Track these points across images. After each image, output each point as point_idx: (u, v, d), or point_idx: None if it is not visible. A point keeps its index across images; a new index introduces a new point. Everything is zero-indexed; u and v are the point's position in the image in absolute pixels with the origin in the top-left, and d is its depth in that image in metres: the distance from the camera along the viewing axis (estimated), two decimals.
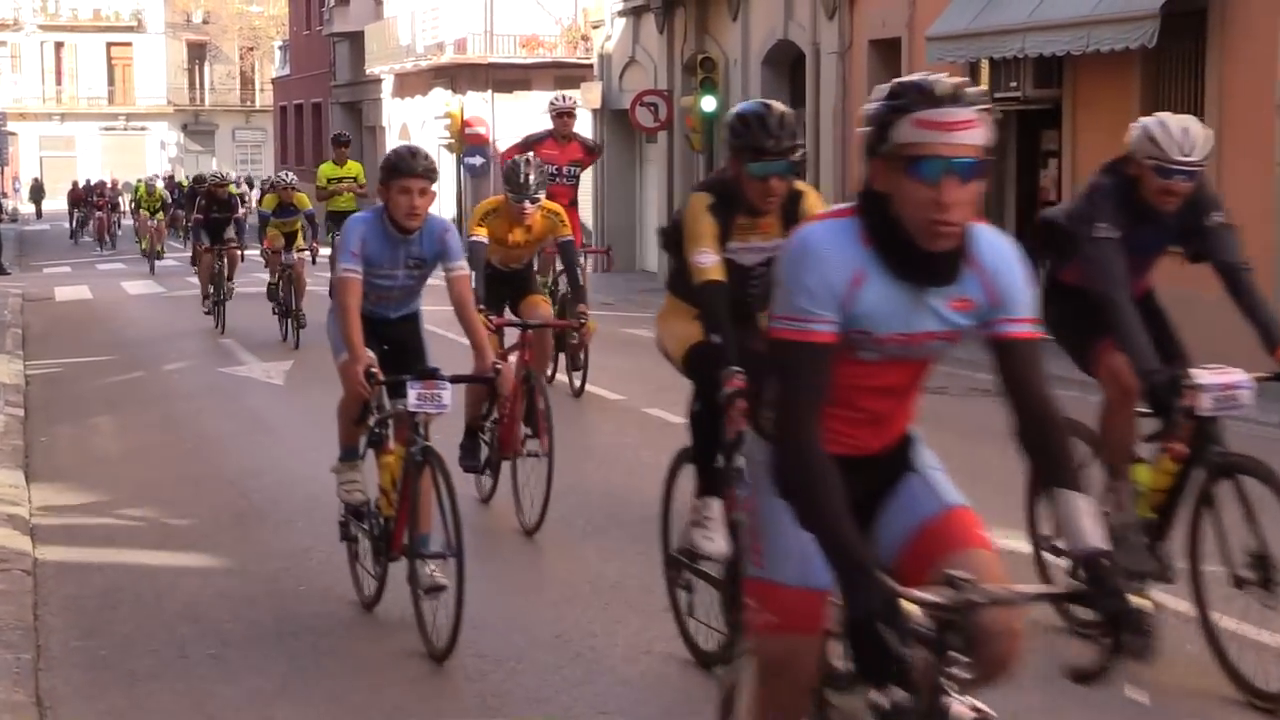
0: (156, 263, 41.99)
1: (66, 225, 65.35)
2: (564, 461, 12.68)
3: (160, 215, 45.42)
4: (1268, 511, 7.33)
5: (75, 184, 67.83)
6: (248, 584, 9.80)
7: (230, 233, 26.43)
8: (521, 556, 10.43)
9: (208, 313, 26.03)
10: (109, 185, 65.92)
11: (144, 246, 44.25)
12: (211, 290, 25.85)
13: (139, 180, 53.42)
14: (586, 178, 41.27)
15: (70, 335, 25.69)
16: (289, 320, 22.95)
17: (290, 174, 26.69)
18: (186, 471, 13.71)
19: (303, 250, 23.95)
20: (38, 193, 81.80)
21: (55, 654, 8.36)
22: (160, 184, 51.74)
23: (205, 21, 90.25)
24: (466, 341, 9.23)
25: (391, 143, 55.37)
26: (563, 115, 20.32)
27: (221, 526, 11.43)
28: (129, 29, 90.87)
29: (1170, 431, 8.12)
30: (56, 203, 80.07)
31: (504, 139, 47.05)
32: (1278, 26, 18.24)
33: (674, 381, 10.12)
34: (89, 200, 61.82)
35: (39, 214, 78.52)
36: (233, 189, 29.59)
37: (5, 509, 11.46)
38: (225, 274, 25.93)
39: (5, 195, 71.53)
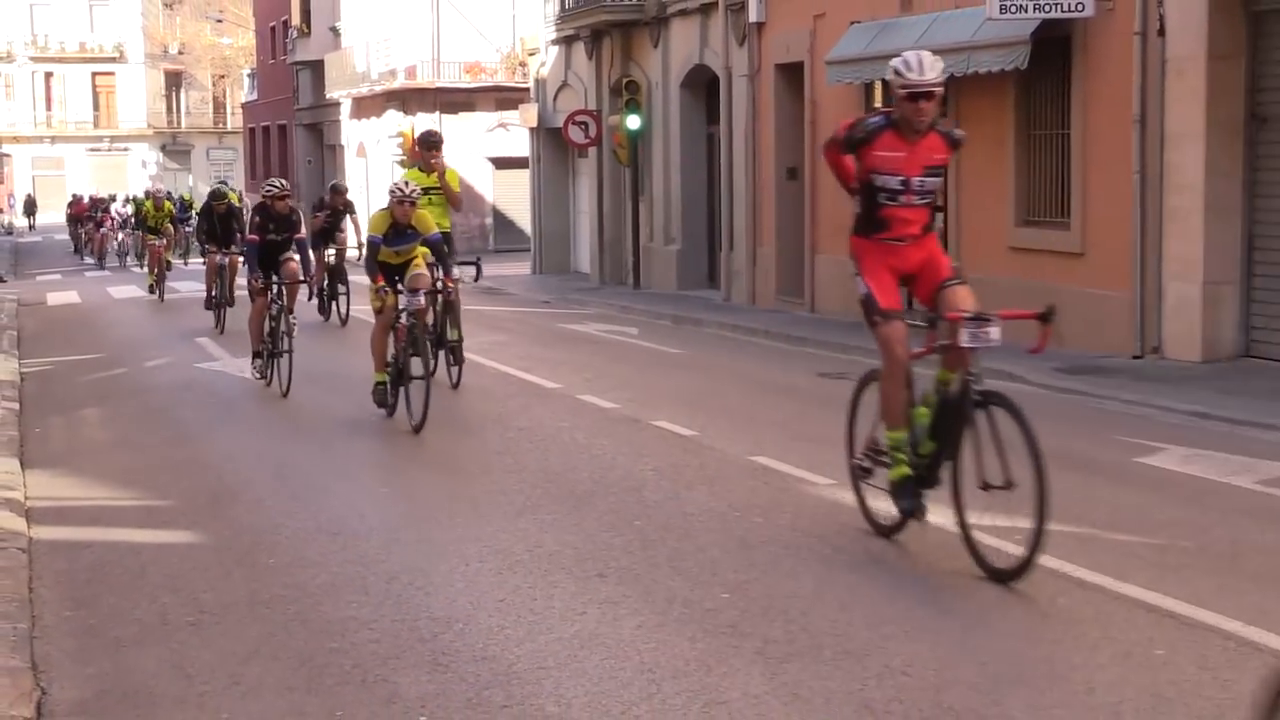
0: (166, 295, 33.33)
1: (60, 238, 65.05)
2: (505, 442, 12.78)
3: (166, 231, 35.85)
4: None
5: (78, 198, 62.83)
6: (222, 558, 9.80)
7: (292, 254, 19.02)
8: (466, 529, 10.44)
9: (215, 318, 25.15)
10: (112, 200, 59.91)
11: (151, 279, 34.26)
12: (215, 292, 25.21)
13: (147, 194, 39.95)
14: (524, 185, 41.56)
15: (61, 336, 25.59)
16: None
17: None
18: (166, 457, 13.69)
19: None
20: (31, 207, 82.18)
21: (48, 623, 8.35)
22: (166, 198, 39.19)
23: (181, 52, 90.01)
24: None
25: (350, 160, 55.35)
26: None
27: (198, 506, 11.43)
28: (112, 60, 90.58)
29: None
30: (47, 216, 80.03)
31: (450, 156, 47.18)
32: (1131, 53, 18.43)
33: (607, 371, 10.23)
34: (92, 216, 55.68)
35: (32, 227, 78.46)
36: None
37: (2, 493, 11.42)
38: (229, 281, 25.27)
39: (2, 210, 71.04)
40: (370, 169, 53.79)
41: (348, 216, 28.20)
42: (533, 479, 12.04)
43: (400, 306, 14.76)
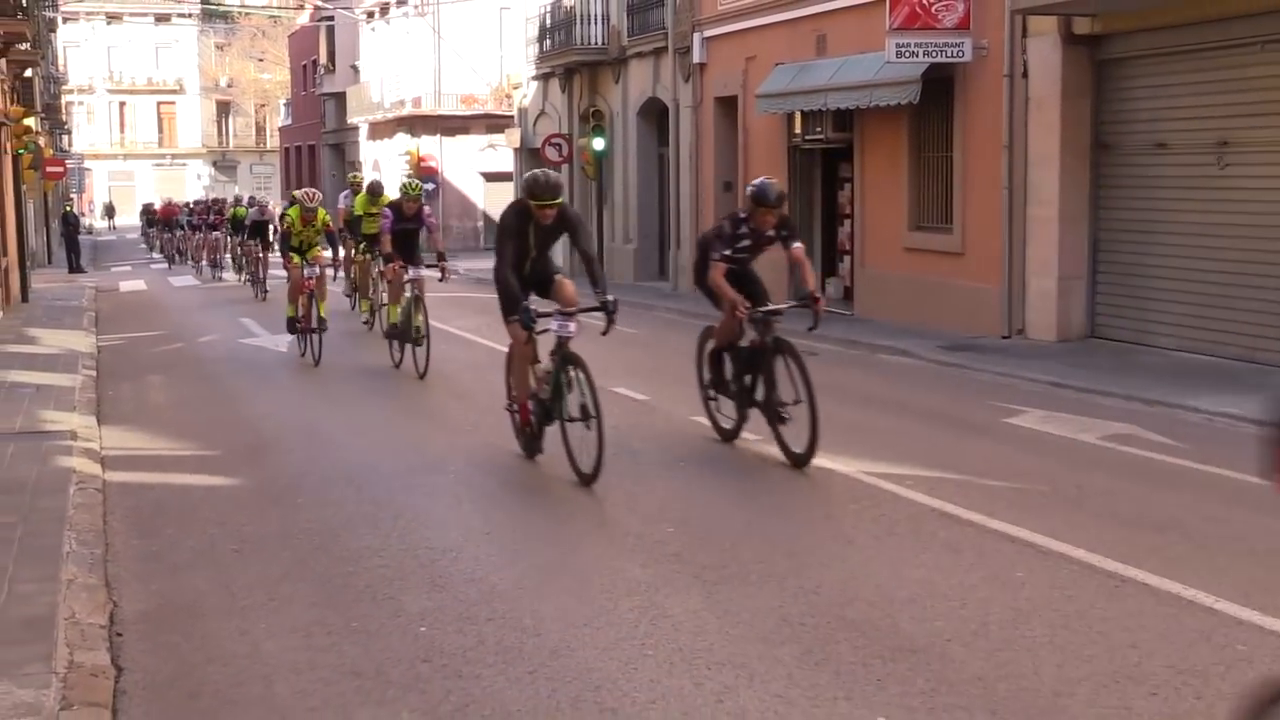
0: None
1: (131, 237, 64.34)
2: (491, 405, 12.73)
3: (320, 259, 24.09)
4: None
5: (170, 201, 52.30)
6: (260, 498, 9.78)
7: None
8: (459, 476, 10.44)
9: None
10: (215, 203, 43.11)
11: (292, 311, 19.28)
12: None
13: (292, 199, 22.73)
14: (509, 195, 41.28)
15: (130, 317, 25.45)
16: None
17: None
18: (215, 415, 13.65)
19: None
20: (110, 211, 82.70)
21: (119, 549, 8.33)
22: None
23: (229, 85, 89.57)
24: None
25: (367, 174, 55.08)
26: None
27: (241, 455, 11.39)
28: (173, 91, 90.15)
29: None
30: (120, 219, 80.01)
31: (449, 170, 47.09)
32: (1001, 91, 18.47)
33: (575, 346, 10.21)
34: (191, 221, 42.79)
35: (112, 228, 78.64)
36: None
37: (83, 444, 11.40)
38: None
39: (84, 214, 70.63)
40: (384, 181, 53.55)
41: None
42: (514, 439, 12.02)
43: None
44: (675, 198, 29.15)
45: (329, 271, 19.10)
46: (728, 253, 10.96)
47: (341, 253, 22.36)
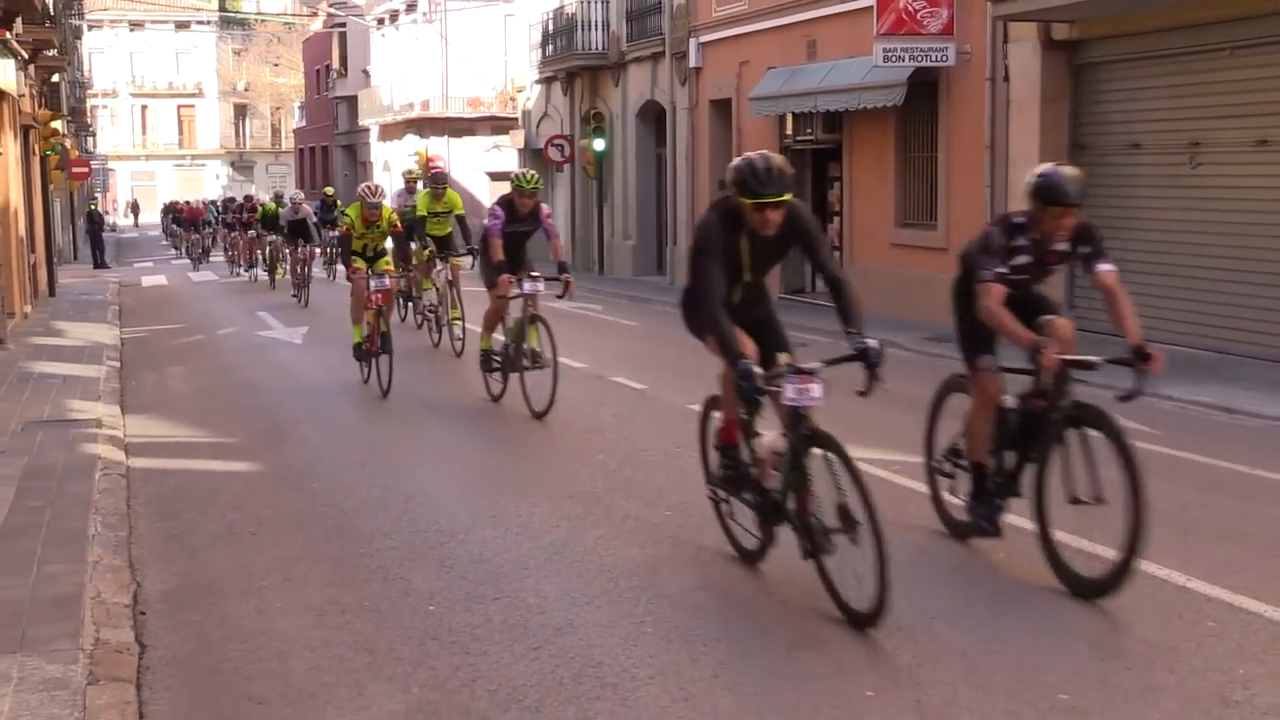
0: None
1: (153, 234, 64.13)
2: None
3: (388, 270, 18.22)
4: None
5: (187, 204, 50.25)
6: (276, 483, 9.78)
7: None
8: (465, 461, 10.44)
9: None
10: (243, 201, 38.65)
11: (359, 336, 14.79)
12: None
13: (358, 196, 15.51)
14: None
15: (152, 310, 25.44)
16: None
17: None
18: (233, 404, 13.65)
19: None
20: (135, 209, 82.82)
21: (141, 532, 8.34)
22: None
23: (246, 89, 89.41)
24: None
25: (378, 174, 55.04)
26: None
27: (258, 442, 11.39)
28: (193, 95, 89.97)
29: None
30: (144, 217, 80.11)
31: (456, 170, 47.03)
32: (984, 94, 18.49)
33: (577, 338, 10.23)
34: (225, 219, 39.27)
35: (136, 225, 78.62)
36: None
37: (107, 431, 11.41)
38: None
39: (108, 212, 70.59)
40: (394, 180, 53.53)
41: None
42: (518, 422, 12.03)
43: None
44: (672, 196, 29.14)
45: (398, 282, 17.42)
46: (1003, 270, 7.35)
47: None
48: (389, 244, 16.24)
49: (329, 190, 35.64)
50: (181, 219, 48.84)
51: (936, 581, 6.95)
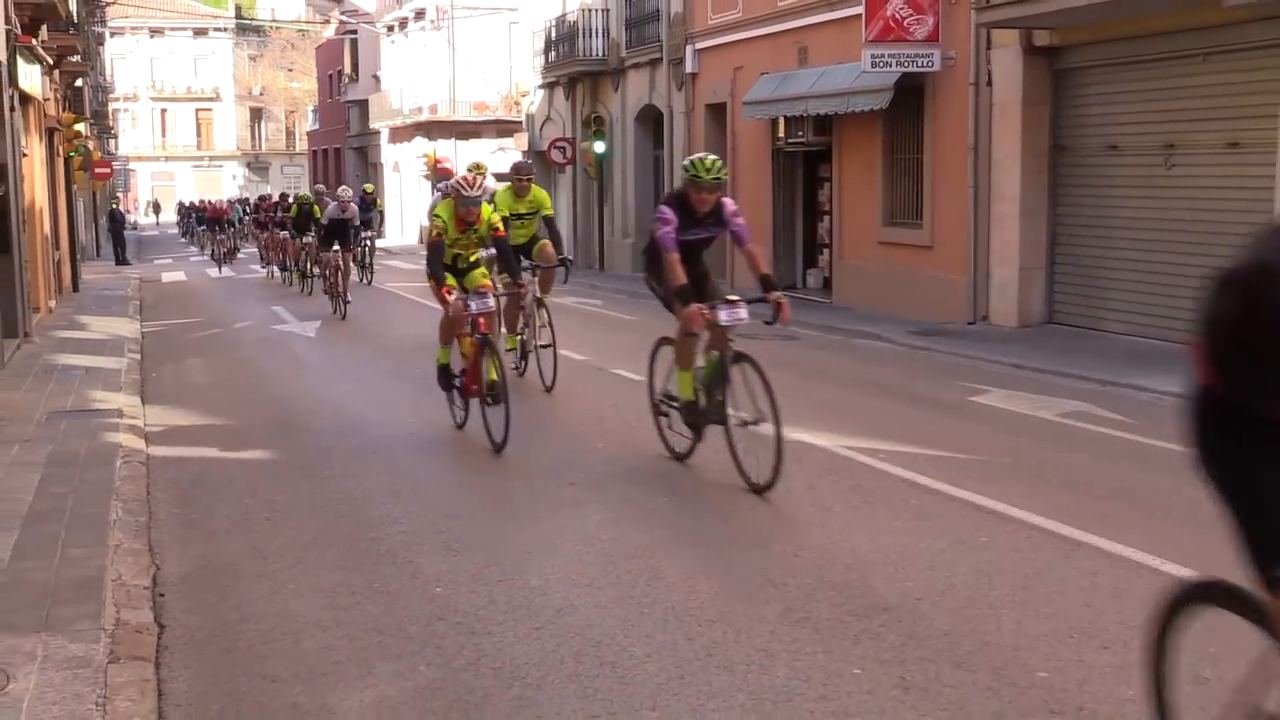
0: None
1: (172, 232, 63.99)
2: None
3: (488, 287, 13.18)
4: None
5: (210, 202, 47.47)
6: (291, 470, 9.78)
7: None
8: (472, 449, 10.42)
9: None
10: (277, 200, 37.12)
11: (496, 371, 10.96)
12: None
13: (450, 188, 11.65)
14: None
15: (171, 305, 25.45)
16: None
17: None
18: (249, 395, 13.66)
19: None
20: (156, 208, 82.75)
21: (161, 517, 8.34)
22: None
23: (261, 94, 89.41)
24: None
25: (389, 177, 54.98)
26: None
27: (273, 432, 11.40)
28: (210, 99, 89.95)
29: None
30: (166, 215, 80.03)
31: (463, 172, 46.90)
32: (968, 98, 18.50)
33: (579, 332, 10.23)
34: (258, 218, 35.95)
35: (158, 223, 78.43)
36: None
37: (128, 420, 11.41)
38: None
39: (129, 211, 70.53)
40: (403, 181, 53.54)
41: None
42: (522, 412, 11.99)
43: None
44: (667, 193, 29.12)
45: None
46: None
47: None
48: (484, 252, 12.02)
49: (368, 187, 33.60)
50: (205, 218, 45.70)
51: (920, 565, 6.95)
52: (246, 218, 41.48)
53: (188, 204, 64.08)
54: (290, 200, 31.40)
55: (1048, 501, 8.21)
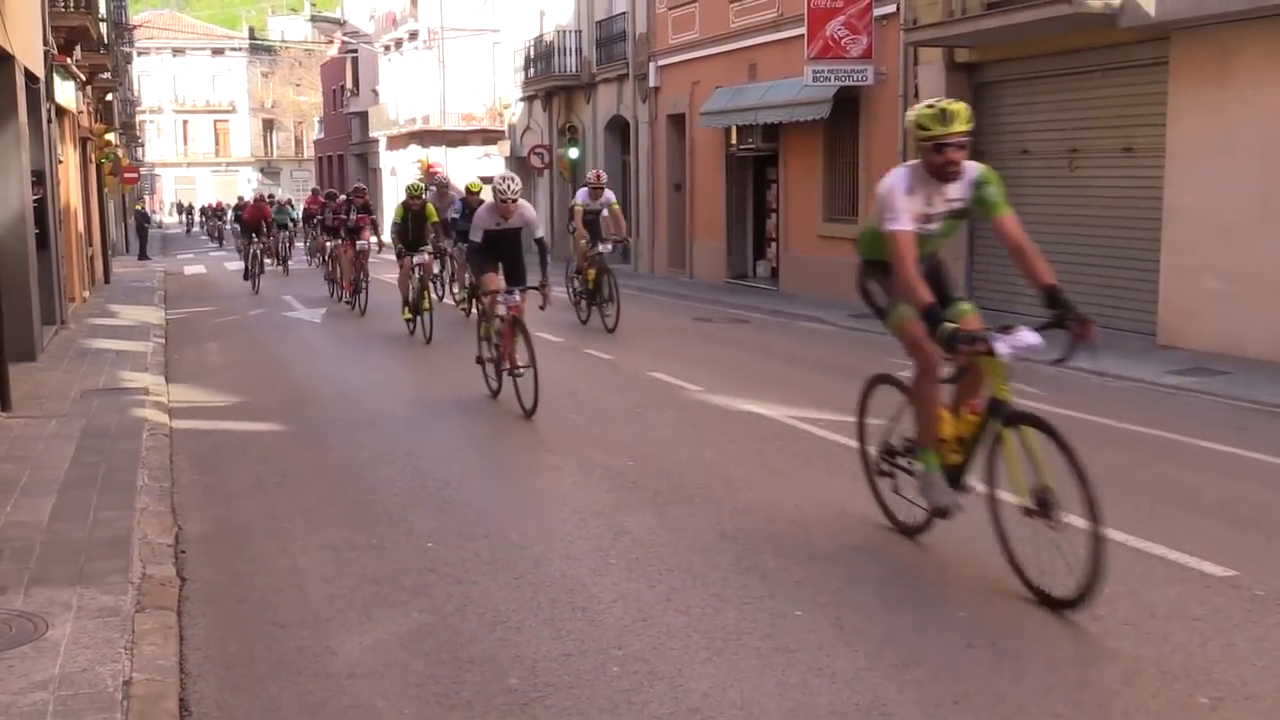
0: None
1: (194, 231, 63.08)
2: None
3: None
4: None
5: (251, 202, 28.05)
6: (299, 441, 9.73)
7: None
8: (459, 420, 10.40)
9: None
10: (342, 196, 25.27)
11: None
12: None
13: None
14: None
15: (192, 295, 25.23)
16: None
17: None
18: (262, 374, 13.56)
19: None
20: (180, 208, 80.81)
21: (182, 483, 8.28)
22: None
23: (273, 106, 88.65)
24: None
25: (386, 180, 54.65)
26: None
27: (283, 407, 11.32)
28: (227, 111, 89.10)
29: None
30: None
31: (452, 175, 46.70)
32: (897, 108, 18.51)
33: (557, 318, 10.17)
34: (324, 220, 25.72)
35: (180, 222, 76.19)
36: None
37: (153, 398, 11.31)
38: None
39: (154, 211, 69.89)
40: (399, 185, 53.21)
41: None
42: (505, 389, 11.98)
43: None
44: (636, 197, 29.07)
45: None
46: None
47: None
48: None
49: (475, 185, 18.94)
50: (242, 220, 28.80)
51: (855, 520, 6.97)
52: (297, 223, 33.33)
53: (212, 205, 60.86)
54: (365, 198, 21.90)
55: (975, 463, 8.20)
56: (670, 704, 4.59)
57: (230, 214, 48.05)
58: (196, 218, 68.66)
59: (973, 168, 6.08)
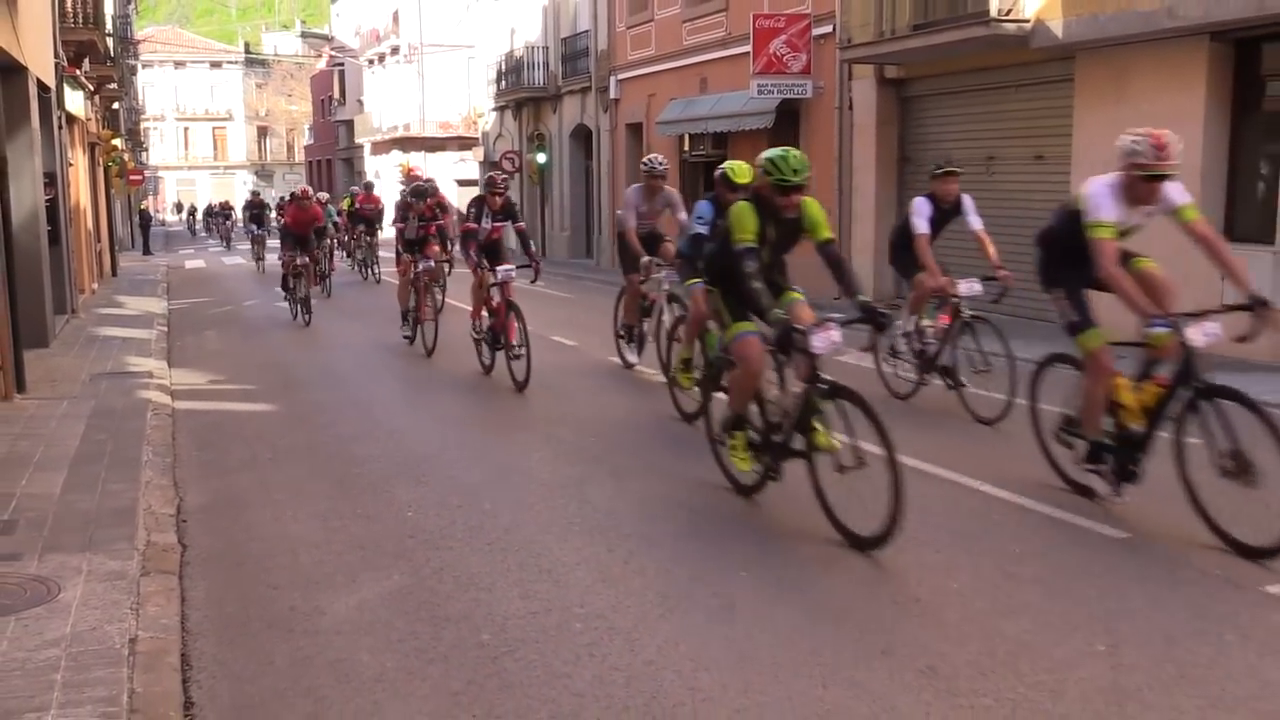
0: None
1: (199, 230, 61.60)
2: (461, 351, 12.53)
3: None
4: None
5: (305, 195, 17.22)
6: (290, 420, 9.65)
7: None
8: (436, 401, 10.35)
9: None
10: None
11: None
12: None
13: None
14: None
15: (192, 287, 24.95)
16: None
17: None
18: (256, 359, 13.44)
19: None
20: (180, 207, 78.23)
21: (183, 458, 8.21)
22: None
23: (266, 115, 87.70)
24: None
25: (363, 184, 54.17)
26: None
27: (275, 389, 11.23)
28: (224, 119, 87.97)
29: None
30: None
31: (432, 177, 46.40)
32: (834, 118, 18.55)
33: (523, 305, 10.16)
34: (428, 224, 14.41)
35: (181, 221, 70.19)
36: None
37: (157, 381, 11.21)
38: None
39: (157, 210, 69.01)
40: (383, 187, 52.74)
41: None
42: (477, 380, 11.94)
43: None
44: (598, 198, 29.04)
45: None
46: None
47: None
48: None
49: (740, 170, 11.38)
50: (286, 229, 18.10)
51: (795, 490, 6.99)
52: (339, 230, 25.85)
53: (217, 205, 51.93)
54: (441, 199, 15.61)
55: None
56: (628, 656, 4.61)
57: (243, 213, 39.43)
58: (199, 219, 60.91)
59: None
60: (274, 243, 24.42)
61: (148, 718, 3.97)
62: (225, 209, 49.21)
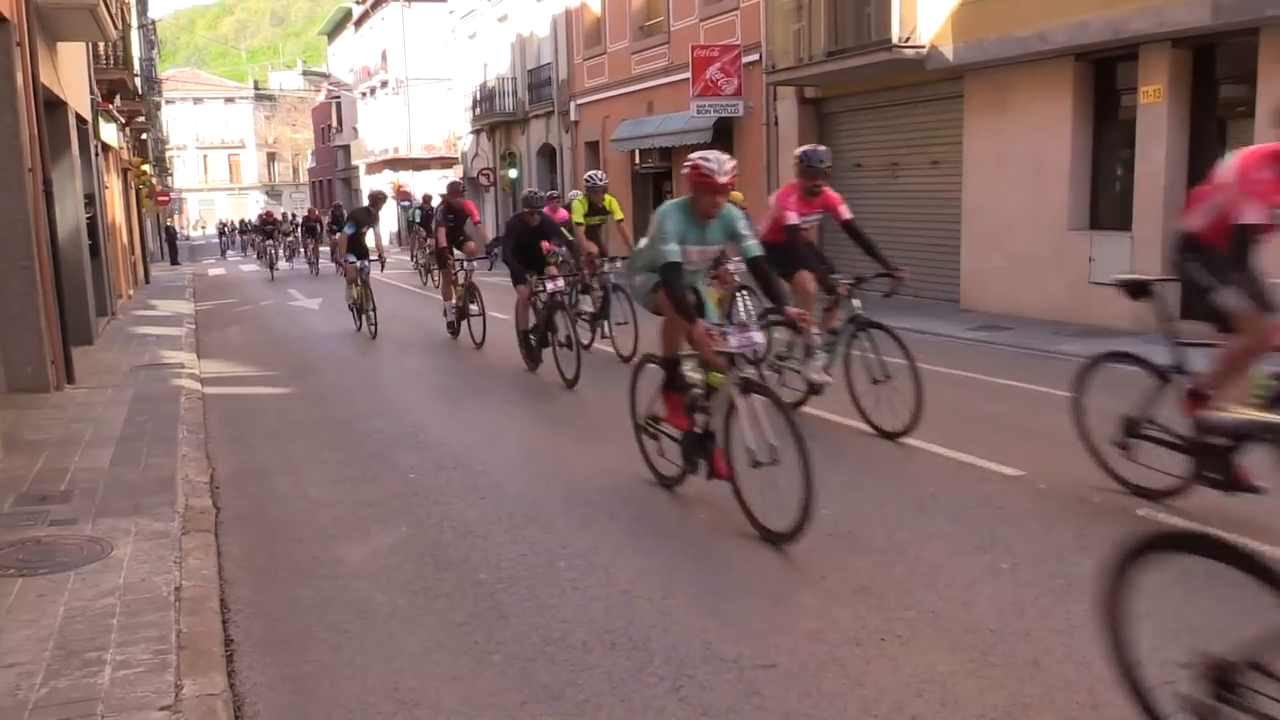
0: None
1: (214, 242, 59.92)
2: (445, 342, 12.35)
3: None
4: None
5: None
6: (307, 399, 9.52)
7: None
8: (432, 382, 10.24)
9: None
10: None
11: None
12: None
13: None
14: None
15: (215, 290, 24.54)
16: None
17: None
18: (273, 350, 13.24)
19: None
20: (218, 225, 70.78)
21: (213, 435, 8.06)
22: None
23: (274, 142, 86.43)
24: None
25: (366, 199, 53.50)
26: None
27: (292, 374, 11.06)
28: (238, 147, 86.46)
29: None
30: (211, 229, 76.29)
31: (418, 194, 45.99)
32: (762, 134, 18.51)
33: (496, 300, 10.02)
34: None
35: (223, 247, 54.62)
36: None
37: (188, 370, 11.00)
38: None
39: (182, 227, 67.76)
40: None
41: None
42: (468, 354, 11.84)
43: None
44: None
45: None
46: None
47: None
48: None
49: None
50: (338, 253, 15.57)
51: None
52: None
53: (259, 217, 38.20)
54: (545, 199, 12.90)
55: (846, 405, 8.23)
56: (606, 587, 4.58)
57: (297, 225, 33.01)
58: (237, 237, 49.24)
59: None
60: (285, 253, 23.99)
61: (194, 653, 3.90)
62: (267, 222, 32.69)
